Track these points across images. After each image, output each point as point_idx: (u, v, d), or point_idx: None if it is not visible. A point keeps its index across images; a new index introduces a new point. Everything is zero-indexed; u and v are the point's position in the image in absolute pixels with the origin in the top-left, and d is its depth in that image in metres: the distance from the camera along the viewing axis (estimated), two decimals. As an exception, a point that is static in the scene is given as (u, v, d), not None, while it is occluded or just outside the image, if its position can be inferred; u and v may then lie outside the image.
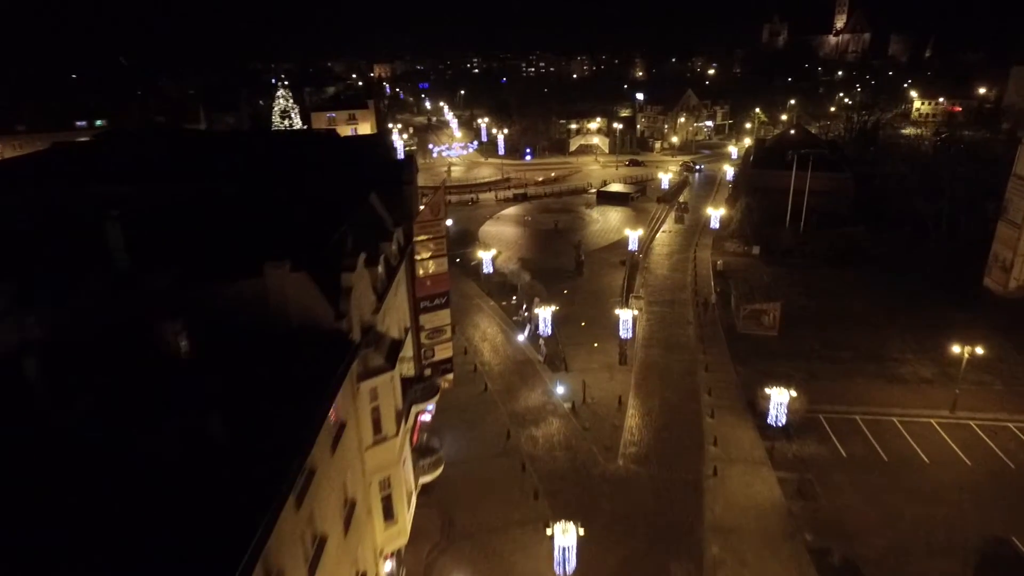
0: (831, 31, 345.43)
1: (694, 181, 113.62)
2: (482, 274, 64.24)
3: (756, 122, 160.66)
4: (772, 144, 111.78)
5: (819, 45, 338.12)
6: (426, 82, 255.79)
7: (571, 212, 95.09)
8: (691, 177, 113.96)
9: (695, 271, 69.44)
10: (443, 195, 36.62)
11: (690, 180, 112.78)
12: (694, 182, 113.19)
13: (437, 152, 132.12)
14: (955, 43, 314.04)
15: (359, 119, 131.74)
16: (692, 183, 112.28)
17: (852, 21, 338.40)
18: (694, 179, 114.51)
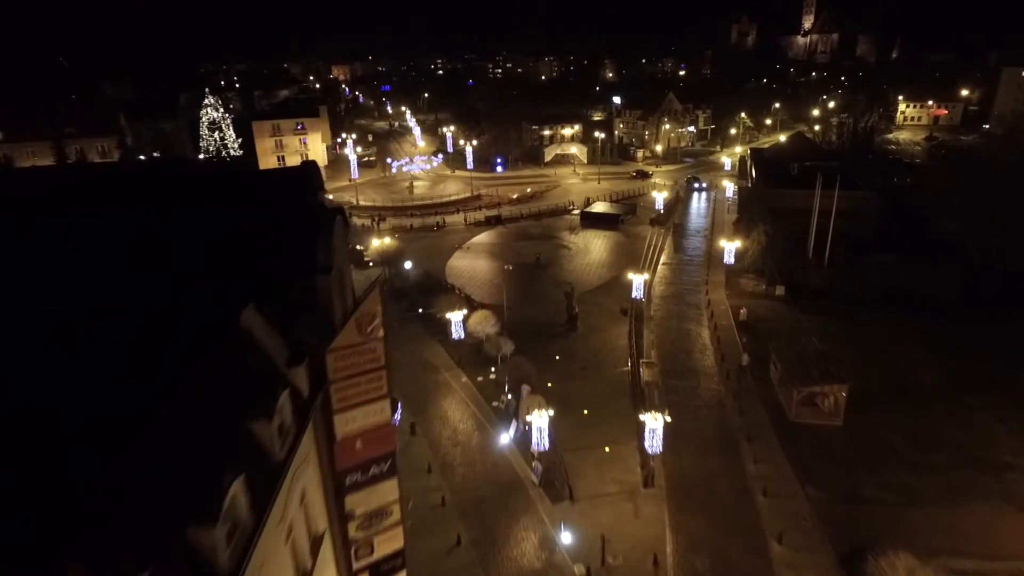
0: (799, 31, 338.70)
1: (686, 196, 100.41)
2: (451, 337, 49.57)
3: (741, 127, 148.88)
4: (773, 155, 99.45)
5: (788, 45, 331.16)
6: (388, 84, 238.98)
7: (553, 239, 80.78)
8: (682, 192, 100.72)
9: (713, 321, 55.79)
10: (379, 297, 21.74)
11: (681, 195, 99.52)
12: (686, 197, 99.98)
13: (397, 167, 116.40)
14: (921, 44, 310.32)
15: (308, 129, 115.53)
16: (683, 198, 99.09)
17: (820, 21, 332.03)
18: (688, 194, 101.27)
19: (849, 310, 56.89)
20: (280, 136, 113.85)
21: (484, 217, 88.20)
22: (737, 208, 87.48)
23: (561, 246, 77.91)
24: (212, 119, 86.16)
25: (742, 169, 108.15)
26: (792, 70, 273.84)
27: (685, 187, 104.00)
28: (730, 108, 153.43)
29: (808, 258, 65.49)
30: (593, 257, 73.80)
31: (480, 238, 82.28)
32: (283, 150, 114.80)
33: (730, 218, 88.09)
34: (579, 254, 75.06)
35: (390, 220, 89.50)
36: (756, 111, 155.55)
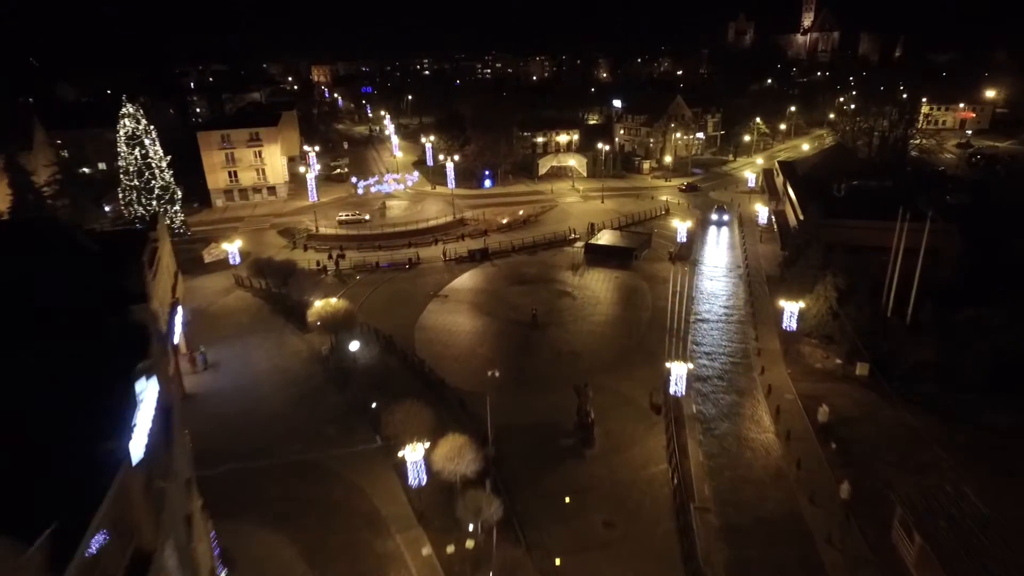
0: (799, 30, 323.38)
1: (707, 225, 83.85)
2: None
3: (755, 133, 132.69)
4: (810, 171, 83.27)
5: (787, 44, 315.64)
6: (369, 86, 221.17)
7: (552, 282, 64.04)
8: (700, 220, 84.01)
9: (783, 426, 39.33)
10: None
11: (698, 223, 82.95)
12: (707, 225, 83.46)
13: (364, 187, 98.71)
14: (926, 42, 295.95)
15: (265, 140, 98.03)
16: (706, 226, 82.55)
17: (820, 19, 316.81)
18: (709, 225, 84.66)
19: (968, 400, 40.65)
20: (231, 148, 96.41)
21: (467, 251, 71.27)
22: (780, 240, 70.89)
23: (563, 293, 61.13)
24: (131, 132, 68.86)
25: (769, 186, 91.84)
26: (795, 70, 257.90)
27: (708, 218, 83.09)
28: (741, 112, 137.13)
29: (888, 317, 49.25)
30: (604, 311, 57.10)
31: (462, 280, 65.42)
32: (235, 164, 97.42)
33: (765, 249, 71.75)
34: (586, 305, 58.32)
35: (352, 255, 72.49)
36: (770, 115, 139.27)
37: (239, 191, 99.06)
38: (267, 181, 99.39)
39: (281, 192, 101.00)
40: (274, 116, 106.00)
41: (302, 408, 42.43)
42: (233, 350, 50.70)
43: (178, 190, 74.41)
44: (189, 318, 54.72)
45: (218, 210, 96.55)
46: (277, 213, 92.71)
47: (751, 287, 61.57)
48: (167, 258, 49.74)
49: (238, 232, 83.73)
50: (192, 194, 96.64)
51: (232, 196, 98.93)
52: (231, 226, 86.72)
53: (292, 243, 76.79)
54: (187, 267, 68.13)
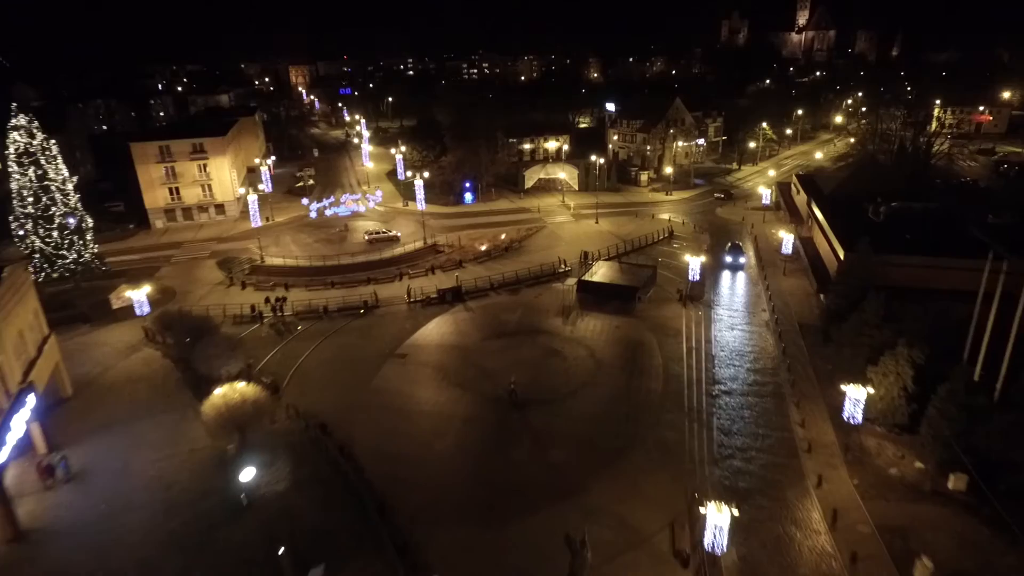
0: (794, 28, 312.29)
1: (704, 240, 71.50)
2: None
3: (761, 139, 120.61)
4: (838, 189, 71.17)
5: (782, 43, 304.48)
6: (348, 87, 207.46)
7: (537, 334, 51.40)
8: (703, 237, 71.43)
9: (855, 572, 27.07)
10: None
11: (703, 239, 70.55)
12: (704, 241, 71.12)
13: (317, 209, 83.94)
14: (924, 41, 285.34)
15: (211, 151, 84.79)
16: (705, 241, 70.26)
17: (816, 17, 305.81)
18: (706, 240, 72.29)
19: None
20: (172, 162, 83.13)
21: (437, 290, 58.49)
22: (811, 276, 58.48)
23: (550, 352, 48.49)
24: (22, 148, 55.29)
25: (787, 203, 79.62)
26: (792, 69, 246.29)
27: (721, 260, 65.66)
28: (744, 116, 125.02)
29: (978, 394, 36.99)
30: (602, 380, 44.55)
31: (427, 331, 52.68)
32: (176, 180, 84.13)
33: (791, 285, 59.53)
34: (579, 370, 45.74)
35: (298, 296, 59.71)
36: (776, 119, 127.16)
37: (182, 210, 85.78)
38: (214, 198, 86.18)
39: (232, 210, 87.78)
40: (225, 123, 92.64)
41: (179, 555, 29.69)
42: (113, 447, 37.79)
43: (88, 218, 61.18)
44: (63, 396, 41.93)
45: (157, 232, 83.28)
46: (222, 237, 79.56)
47: (782, 339, 49.30)
48: (20, 324, 36.82)
49: (170, 263, 70.69)
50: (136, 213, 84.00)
51: (174, 216, 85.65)
52: (163, 255, 73.48)
53: (229, 278, 63.77)
54: (94, 313, 55.42)
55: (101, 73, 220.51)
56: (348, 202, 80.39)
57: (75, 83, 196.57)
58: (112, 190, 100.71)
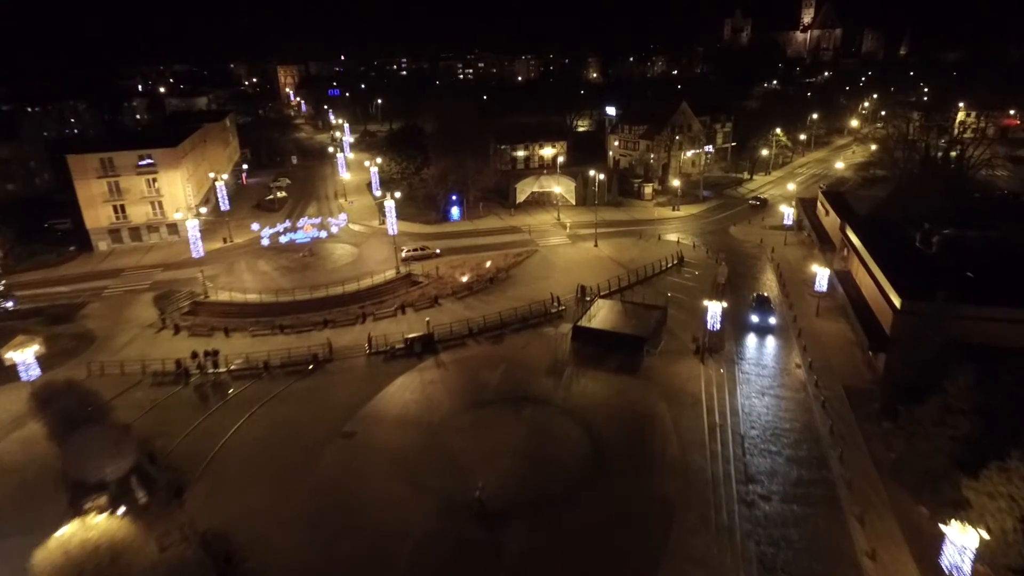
0: (798, 27, 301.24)
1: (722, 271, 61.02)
2: None
3: (773, 146, 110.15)
4: (876, 210, 60.78)
5: (786, 42, 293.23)
6: (337, 89, 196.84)
7: (521, 403, 40.98)
8: (722, 269, 60.82)
9: None
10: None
11: (721, 271, 60.05)
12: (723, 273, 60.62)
13: (270, 235, 71.85)
14: (932, 39, 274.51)
15: (162, 164, 74.43)
16: (722, 273, 59.76)
17: (821, 16, 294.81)
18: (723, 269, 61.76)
19: None
20: (115, 176, 72.87)
21: (404, 339, 48.15)
22: (855, 322, 47.84)
23: (537, 430, 38.13)
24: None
25: (813, 224, 69.11)
26: (798, 69, 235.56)
27: (746, 319, 50.97)
28: (754, 120, 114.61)
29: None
30: (605, 482, 34.26)
31: (387, 397, 42.39)
32: (121, 197, 73.87)
33: (828, 330, 49.23)
34: (572, 459, 35.36)
35: (239, 344, 49.49)
36: (788, 123, 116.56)
37: (129, 230, 75.56)
38: (166, 217, 75.89)
39: (186, 230, 77.35)
40: (184, 131, 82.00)
41: None
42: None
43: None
44: None
45: (99, 256, 73.08)
46: (170, 262, 69.27)
47: (826, 410, 39.10)
48: None
49: (100, 297, 60.39)
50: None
51: (120, 237, 75.41)
52: (95, 286, 63.11)
53: (162, 319, 53.50)
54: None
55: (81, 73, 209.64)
56: (307, 227, 69.71)
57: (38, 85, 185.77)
58: (67, 204, 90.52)
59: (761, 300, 52.38)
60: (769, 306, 51.46)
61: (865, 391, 40.91)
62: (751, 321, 50.30)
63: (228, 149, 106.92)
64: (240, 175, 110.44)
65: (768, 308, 51.10)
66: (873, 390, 40.84)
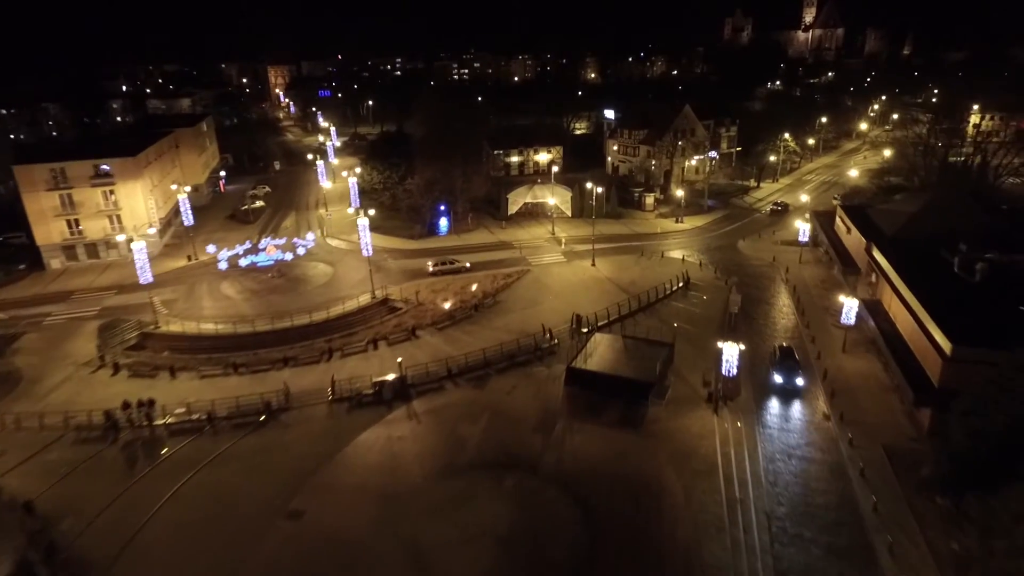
0: (800, 26, 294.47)
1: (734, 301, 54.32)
2: None
3: (781, 151, 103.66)
4: (905, 228, 54.17)
5: (788, 42, 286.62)
6: (327, 90, 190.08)
7: (505, 468, 34.38)
8: (734, 297, 54.02)
9: None
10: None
11: (733, 299, 53.32)
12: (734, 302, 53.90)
13: (227, 258, 65.68)
14: (936, 39, 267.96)
15: (119, 176, 67.81)
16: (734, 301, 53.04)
17: (823, 15, 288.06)
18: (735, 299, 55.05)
19: None
20: (68, 188, 66.27)
21: (372, 384, 41.56)
22: (898, 374, 40.92)
23: (523, 509, 31.62)
24: None
25: (831, 240, 62.42)
26: (800, 69, 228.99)
27: (769, 379, 42.08)
28: (760, 123, 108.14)
29: None
30: None
31: (346, 460, 35.82)
32: (75, 211, 67.27)
33: (859, 369, 42.76)
34: (561, 553, 29.03)
35: (184, 387, 42.94)
36: (796, 127, 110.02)
37: (85, 246, 68.96)
38: (125, 232, 69.24)
39: (149, 245, 70.82)
40: (147, 138, 75.14)
41: None
42: None
43: None
44: None
45: (51, 275, 66.45)
46: (126, 284, 62.49)
47: (867, 480, 32.66)
48: None
49: (40, 326, 53.73)
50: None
51: (75, 254, 68.82)
52: (37, 313, 56.40)
53: (100, 357, 46.91)
54: None
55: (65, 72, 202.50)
56: (270, 248, 63.00)
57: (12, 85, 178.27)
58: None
59: (784, 354, 43.15)
60: (795, 362, 42.42)
61: (909, 453, 34.48)
62: (774, 382, 41.44)
63: (204, 155, 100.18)
64: (218, 182, 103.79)
65: (794, 364, 42.04)
66: (919, 452, 34.41)
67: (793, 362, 42.27)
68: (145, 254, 50.72)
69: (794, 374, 41.10)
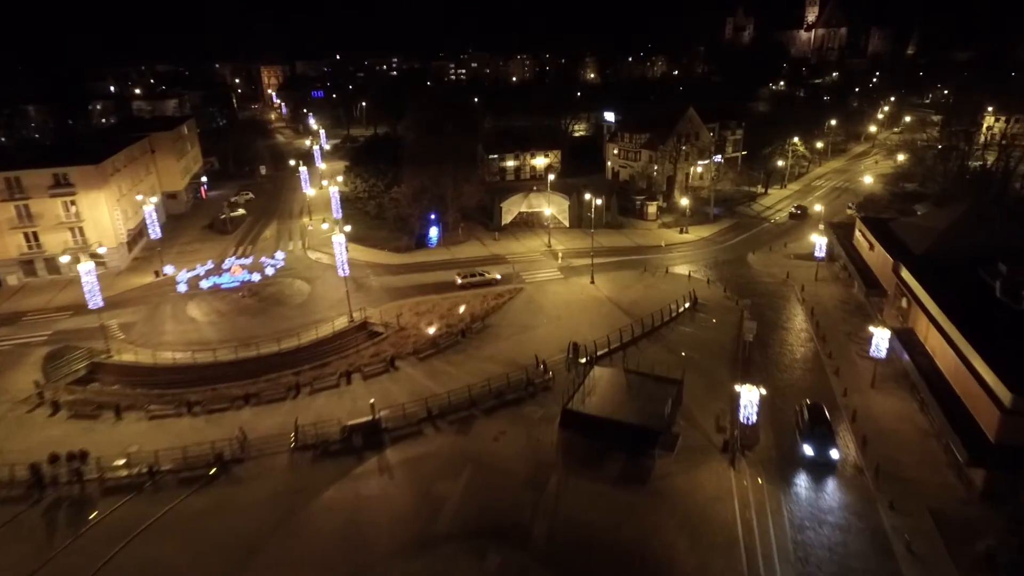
0: (802, 26, 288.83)
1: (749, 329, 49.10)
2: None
3: (790, 156, 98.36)
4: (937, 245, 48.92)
5: (790, 41, 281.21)
6: (321, 90, 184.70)
7: (488, 540, 29.31)
8: (749, 324, 48.72)
9: None
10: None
11: (748, 327, 48.04)
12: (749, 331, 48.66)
13: (187, 280, 58.85)
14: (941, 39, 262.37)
15: (81, 185, 62.52)
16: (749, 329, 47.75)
17: (826, 14, 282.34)
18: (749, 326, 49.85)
19: None
20: (24, 199, 61.02)
21: (341, 429, 36.36)
22: (944, 421, 35.54)
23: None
24: None
25: (854, 259, 56.98)
26: (804, 69, 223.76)
27: (798, 448, 34.53)
28: (766, 126, 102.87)
29: None
30: None
31: (309, 520, 30.57)
32: (33, 223, 62.01)
33: (892, 410, 37.59)
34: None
35: (129, 430, 37.73)
36: (805, 130, 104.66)
37: (45, 261, 63.69)
38: (88, 245, 64.06)
39: (115, 260, 65.75)
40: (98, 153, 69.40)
41: None
42: None
43: None
44: None
45: (6, 293, 61.15)
46: (82, 304, 57.07)
47: (913, 554, 27.49)
48: None
49: (-19, 355, 48.49)
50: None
51: (33, 269, 63.57)
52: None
53: (39, 393, 41.68)
54: None
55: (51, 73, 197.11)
56: (235, 268, 57.64)
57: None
58: None
59: (815, 417, 35.12)
60: (828, 427, 34.55)
61: (962, 520, 29.33)
62: (804, 454, 33.84)
63: (185, 159, 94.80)
64: (199, 188, 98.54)
65: (826, 431, 34.23)
66: (973, 519, 29.29)
67: (826, 428, 34.59)
68: (94, 276, 45.43)
69: (828, 443, 33.70)
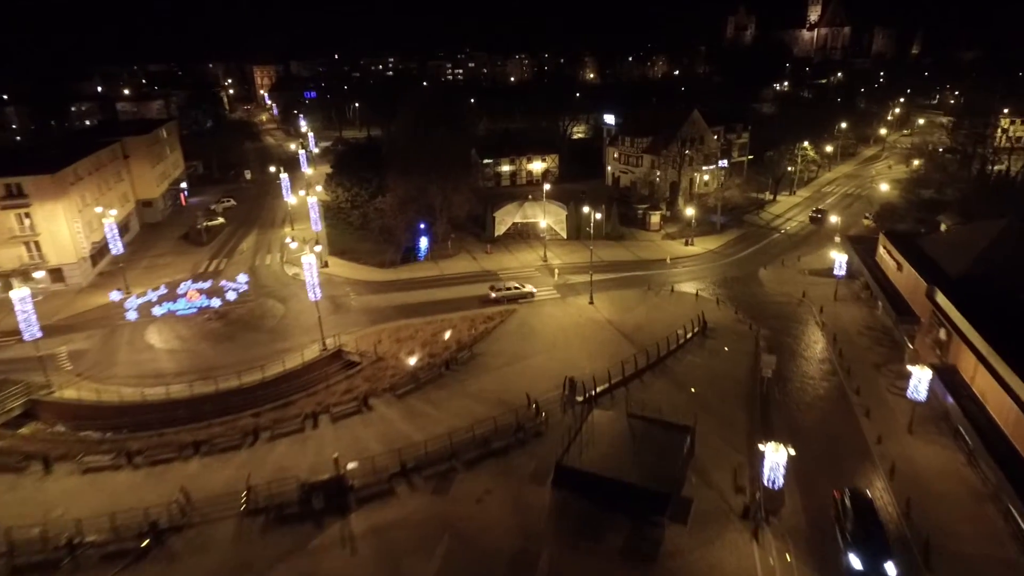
0: (805, 25, 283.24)
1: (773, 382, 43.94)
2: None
3: (799, 161, 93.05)
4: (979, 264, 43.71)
5: (792, 41, 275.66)
6: (312, 91, 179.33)
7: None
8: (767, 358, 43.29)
9: None
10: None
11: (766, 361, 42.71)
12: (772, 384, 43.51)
13: (136, 308, 52.74)
14: (946, 38, 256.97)
15: (36, 196, 57.34)
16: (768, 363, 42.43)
17: (829, 13, 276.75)
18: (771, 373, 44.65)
19: None
20: (-32, 212, 55.90)
21: (300, 487, 31.14)
22: (999, 478, 30.08)
23: None
24: None
25: (878, 279, 51.71)
26: (808, 69, 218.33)
27: (844, 560, 25.85)
28: (772, 128, 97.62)
29: None
30: None
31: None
32: (-16, 237, 56.93)
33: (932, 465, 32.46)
34: None
35: (57, 484, 32.56)
36: (814, 133, 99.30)
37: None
38: (46, 260, 58.89)
39: (74, 276, 60.54)
40: (74, 150, 64.45)
41: None
42: None
43: None
44: None
45: (-46, 313, 56.04)
46: (37, 326, 52.00)
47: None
48: None
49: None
50: None
51: (-16, 288, 58.40)
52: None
53: (-36, 439, 36.58)
54: None
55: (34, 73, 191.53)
56: (191, 294, 52.27)
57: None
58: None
59: (862, 514, 26.65)
60: (880, 529, 26.23)
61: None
62: (850, 567, 25.32)
63: (163, 165, 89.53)
64: (179, 195, 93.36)
65: (879, 533, 25.96)
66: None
67: (877, 530, 26.04)
68: (30, 304, 40.16)
69: (882, 552, 25.11)
